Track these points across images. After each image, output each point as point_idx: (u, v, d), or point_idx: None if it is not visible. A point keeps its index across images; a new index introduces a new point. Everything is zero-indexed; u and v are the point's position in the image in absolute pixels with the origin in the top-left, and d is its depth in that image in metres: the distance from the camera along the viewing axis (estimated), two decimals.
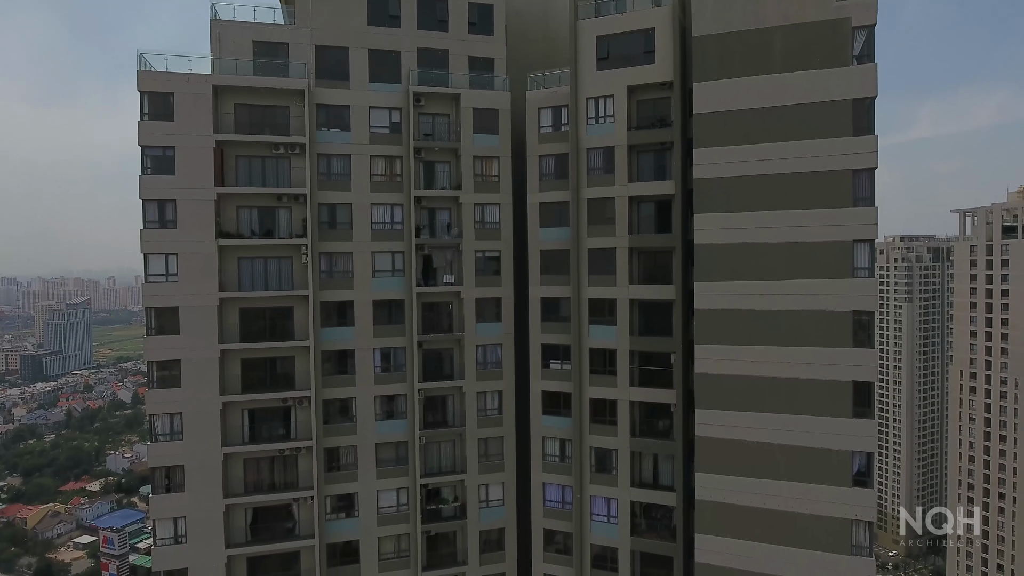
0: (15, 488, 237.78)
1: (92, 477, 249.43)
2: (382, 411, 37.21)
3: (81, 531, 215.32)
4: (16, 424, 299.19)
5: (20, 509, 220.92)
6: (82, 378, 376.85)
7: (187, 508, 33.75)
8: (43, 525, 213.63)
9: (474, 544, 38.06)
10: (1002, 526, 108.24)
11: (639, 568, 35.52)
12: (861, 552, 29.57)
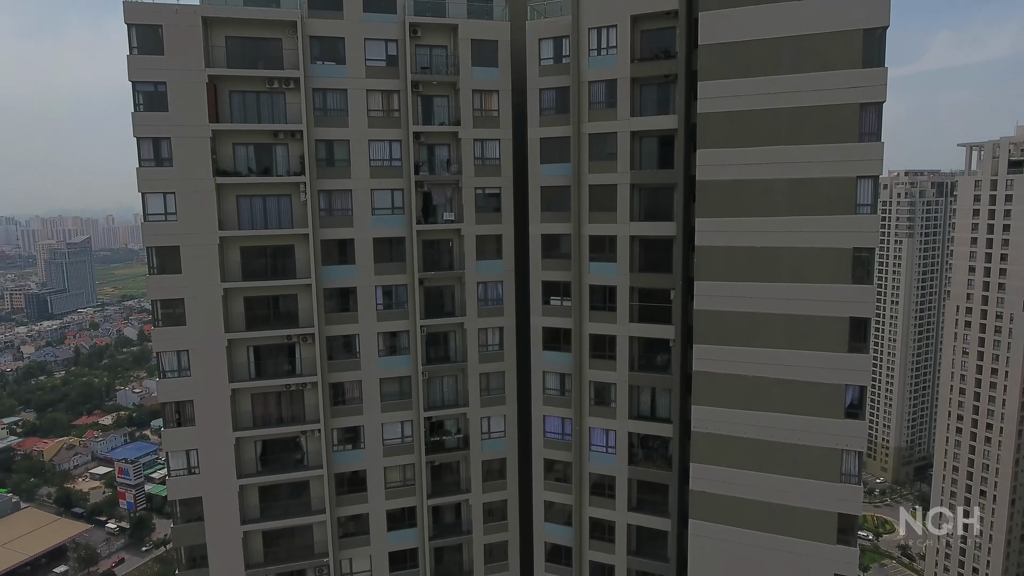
0: (30, 422, 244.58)
1: (104, 412, 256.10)
2: (385, 347, 37.84)
3: (97, 462, 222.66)
4: (26, 361, 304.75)
5: (36, 442, 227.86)
6: (87, 316, 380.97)
7: (198, 441, 34.87)
8: (59, 457, 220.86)
9: (476, 473, 39.48)
10: (987, 455, 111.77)
11: (636, 495, 36.99)
12: (850, 480, 30.68)
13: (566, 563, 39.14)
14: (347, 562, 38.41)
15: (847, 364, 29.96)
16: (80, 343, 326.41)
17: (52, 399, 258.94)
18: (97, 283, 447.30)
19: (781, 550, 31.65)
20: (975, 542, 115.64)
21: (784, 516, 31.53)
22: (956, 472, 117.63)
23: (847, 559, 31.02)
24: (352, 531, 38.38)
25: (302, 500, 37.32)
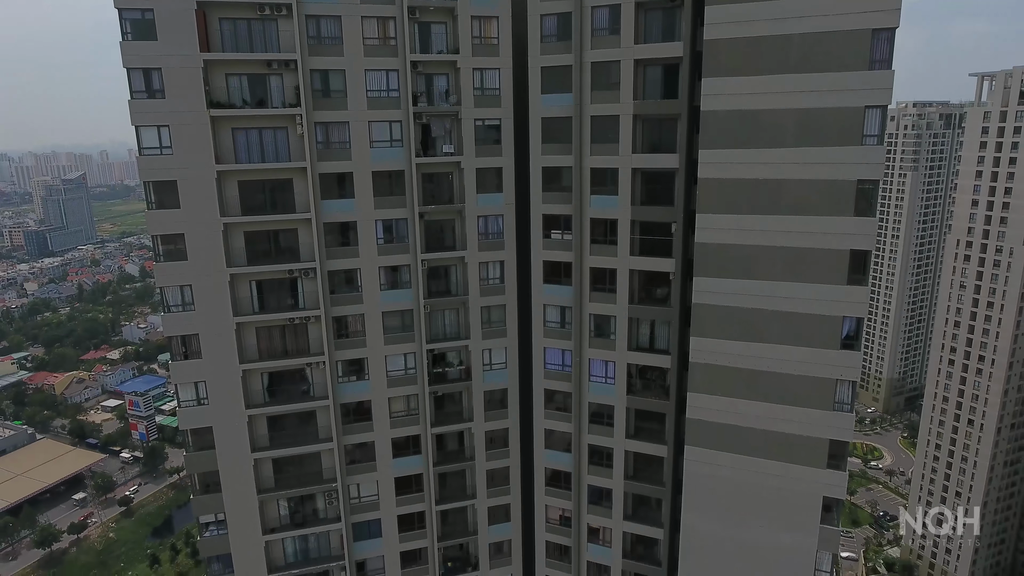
0: (39, 358, 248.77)
1: (111, 346, 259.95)
2: (386, 281, 38.05)
3: (107, 395, 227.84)
4: (30, 298, 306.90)
5: (47, 377, 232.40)
6: (88, 253, 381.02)
7: (206, 373, 35.60)
8: (70, 391, 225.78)
9: (478, 403, 40.50)
10: (978, 386, 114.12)
11: (633, 423, 38.08)
12: (843, 408, 31.54)
13: (565, 487, 40.70)
14: (355, 487, 39.94)
15: (845, 296, 30.24)
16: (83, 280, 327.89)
17: (59, 335, 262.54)
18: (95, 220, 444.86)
19: (773, 474, 32.89)
20: (960, 467, 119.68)
21: (777, 443, 32.60)
22: (946, 402, 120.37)
23: (836, 482, 32.29)
24: (359, 458, 39.72)
25: (309, 429, 38.44)
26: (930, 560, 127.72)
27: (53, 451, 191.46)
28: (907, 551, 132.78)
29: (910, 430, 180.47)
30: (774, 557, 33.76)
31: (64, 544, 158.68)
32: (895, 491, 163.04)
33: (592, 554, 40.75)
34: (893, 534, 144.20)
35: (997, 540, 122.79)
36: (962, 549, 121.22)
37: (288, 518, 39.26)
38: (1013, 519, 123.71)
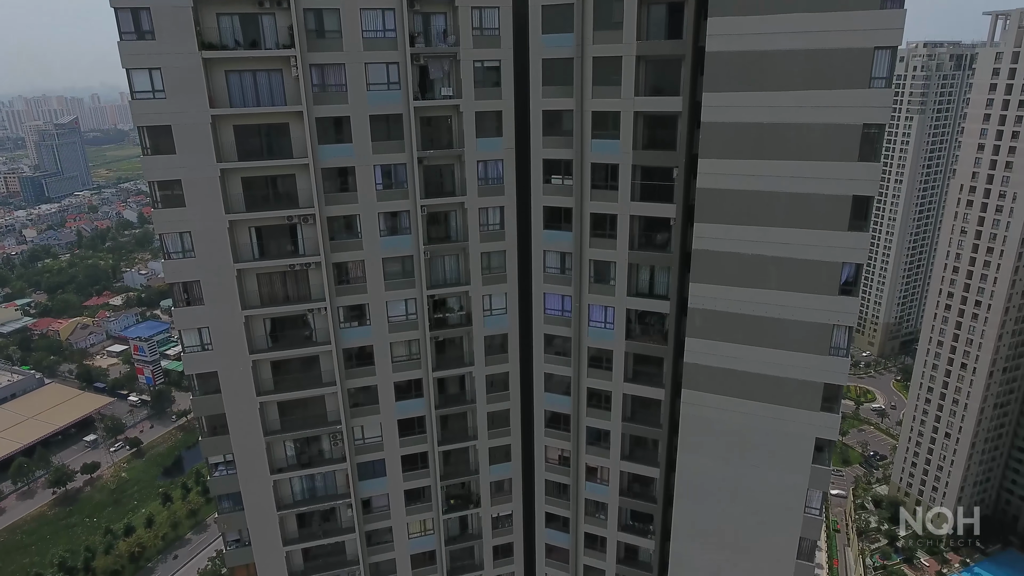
0: (42, 304, 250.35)
1: (113, 292, 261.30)
2: (386, 227, 37.94)
3: (112, 341, 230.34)
4: (30, 245, 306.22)
5: (51, 323, 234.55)
6: (85, 200, 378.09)
7: (209, 319, 35.95)
8: (75, 336, 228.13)
9: (479, 348, 41.05)
10: (972, 330, 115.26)
11: (632, 367, 38.72)
12: (838, 353, 32.01)
13: (564, 428, 41.73)
14: (359, 429, 40.95)
15: (846, 242, 30.24)
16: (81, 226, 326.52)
17: (60, 281, 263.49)
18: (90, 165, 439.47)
19: (767, 417, 33.67)
20: (951, 410, 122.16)
21: (772, 386, 33.24)
22: (940, 346, 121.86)
23: (829, 424, 33.09)
24: (362, 401, 40.56)
25: (313, 373, 39.09)
26: (916, 497, 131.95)
27: (62, 395, 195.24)
28: (895, 489, 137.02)
29: (904, 373, 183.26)
30: (766, 495, 34.92)
31: (78, 484, 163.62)
32: (886, 432, 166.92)
33: (590, 492, 42.12)
34: (882, 473, 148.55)
35: (982, 479, 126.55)
36: (948, 487, 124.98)
37: (295, 458, 40.42)
38: (999, 459, 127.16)
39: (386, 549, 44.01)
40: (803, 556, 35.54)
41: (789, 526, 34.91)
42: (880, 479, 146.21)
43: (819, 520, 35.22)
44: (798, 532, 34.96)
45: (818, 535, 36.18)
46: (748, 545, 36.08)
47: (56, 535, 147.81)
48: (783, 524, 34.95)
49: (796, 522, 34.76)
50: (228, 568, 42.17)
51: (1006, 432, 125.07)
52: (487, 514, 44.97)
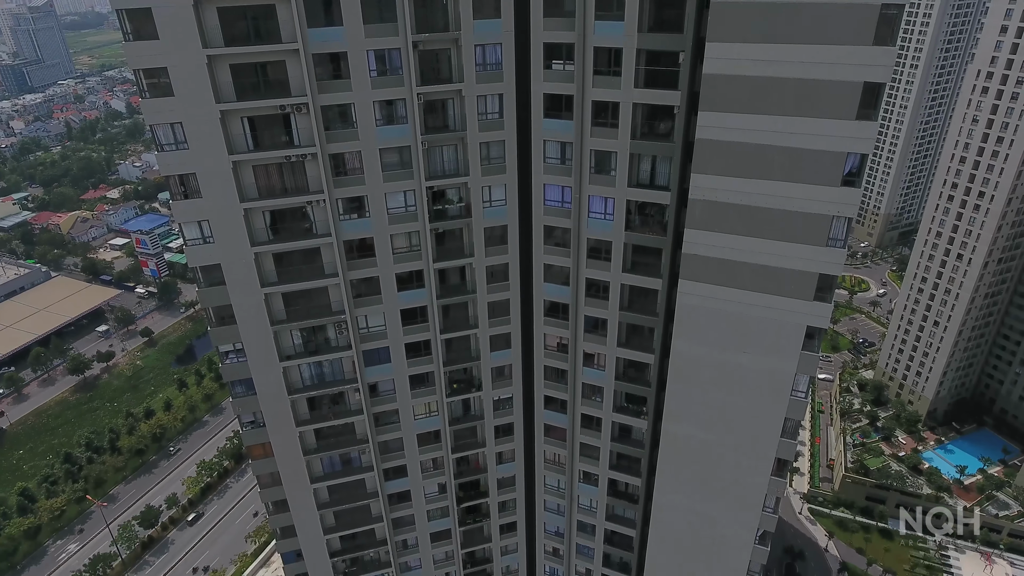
0: (39, 198, 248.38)
1: (109, 185, 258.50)
2: (382, 116, 36.94)
3: (113, 234, 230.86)
4: (19, 137, 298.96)
5: (50, 216, 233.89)
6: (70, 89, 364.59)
7: (208, 212, 35.89)
8: (76, 230, 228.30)
9: (479, 239, 41.28)
10: (972, 221, 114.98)
11: (630, 258, 39.14)
12: (836, 244, 32.18)
13: (563, 317, 42.86)
14: (363, 318, 42.07)
15: (853, 132, 29.56)
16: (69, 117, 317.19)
17: (55, 174, 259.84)
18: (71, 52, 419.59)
19: (761, 306, 34.44)
20: (942, 299, 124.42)
21: (768, 276, 33.74)
22: (939, 237, 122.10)
23: (821, 313, 33.89)
24: (364, 292, 41.36)
25: (315, 265, 39.60)
26: (900, 382, 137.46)
27: (69, 287, 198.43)
28: (880, 373, 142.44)
29: (900, 264, 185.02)
30: (755, 379, 36.42)
31: (96, 371, 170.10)
32: (877, 320, 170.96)
33: (587, 377, 43.96)
34: (869, 359, 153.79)
35: (965, 364, 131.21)
36: (931, 372, 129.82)
37: (302, 346, 41.83)
38: (984, 346, 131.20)
39: (393, 429, 46.61)
40: (787, 435, 37.62)
41: (775, 408, 36.68)
42: (867, 364, 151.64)
43: (804, 402, 36.94)
44: (784, 413, 36.79)
45: (802, 416, 38.06)
46: (735, 425, 38.12)
47: (80, 418, 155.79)
48: (770, 406, 36.72)
49: (782, 404, 36.48)
50: (246, 447, 44.89)
51: (993, 321, 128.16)
52: (488, 397, 47.20)
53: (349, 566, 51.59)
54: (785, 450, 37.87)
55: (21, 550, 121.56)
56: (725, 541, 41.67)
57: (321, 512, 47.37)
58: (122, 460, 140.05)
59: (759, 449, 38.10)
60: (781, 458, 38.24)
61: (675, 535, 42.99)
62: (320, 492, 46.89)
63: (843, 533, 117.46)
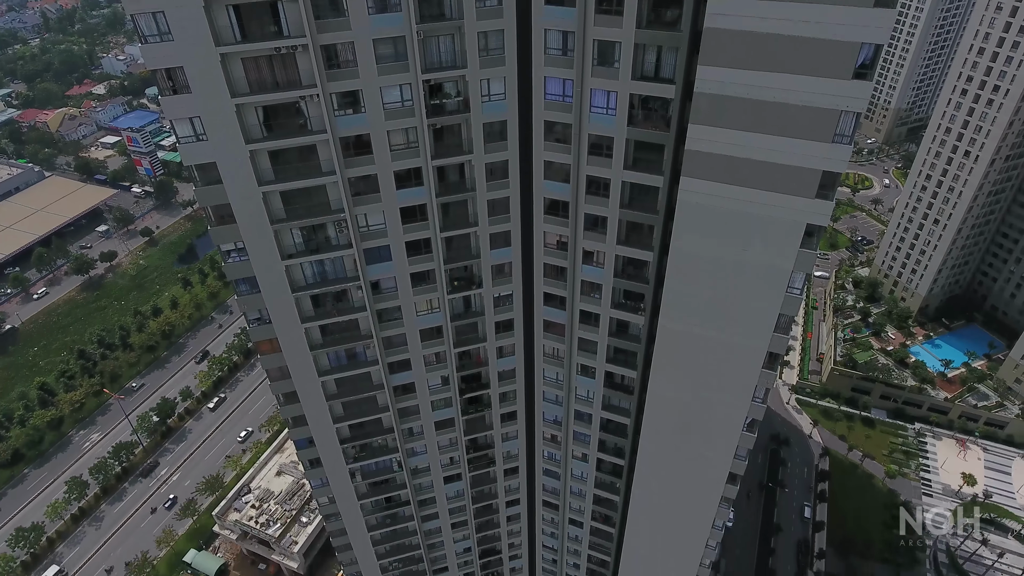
0: (23, 95, 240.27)
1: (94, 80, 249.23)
2: (374, 4, 34.98)
3: (103, 132, 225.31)
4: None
5: (37, 114, 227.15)
6: None
7: (198, 108, 34.86)
8: (65, 128, 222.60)
9: (478, 135, 40.41)
10: (984, 116, 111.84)
11: (632, 154, 38.52)
12: (842, 140, 31.50)
13: (563, 215, 42.80)
14: (362, 217, 42.00)
15: (869, 20, 28.16)
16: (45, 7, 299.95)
17: (37, 69, 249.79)
18: None
19: (762, 203, 34.29)
20: (945, 197, 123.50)
21: (770, 173, 33.36)
22: (948, 133, 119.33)
23: (822, 211, 33.77)
24: (363, 190, 41.02)
25: (312, 163, 39.00)
26: (895, 279, 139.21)
27: (65, 188, 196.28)
28: (876, 271, 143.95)
29: (905, 161, 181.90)
30: (752, 276, 36.92)
31: (100, 271, 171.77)
32: (878, 218, 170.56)
33: (586, 274, 44.54)
34: (867, 256, 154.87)
35: (961, 262, 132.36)
36: (927, 270, 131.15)
37: (303, 245, 42.06)
38: (982, 244, 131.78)
39: (396, 325, 47.83)
40: (780, 330, 38.61)
41: (770, 304, 37.44)
42: (864, 262, 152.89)
43: (799, 299, 37.61)
44: (778, 310, 37.61)
45: (796, 312, 38.89)
46: (730, 320, 39.10)
47: (89, 317, 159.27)
48: (765, 302, 37.46)
49: (777, 301, 37.20)
50: (254, 342, 46.24)
51: (994, 219, 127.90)
52: (489, 294, 48.06)
53: (359, 452, 54.67)
54: (777, 344, 39.01)
55: (47, 439, 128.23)
56: (715, 429, 43.93)
57: (330, 403, 49.58)
58: (134, 356, 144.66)
59: (752, 344, 39.27)
60: (773, 352, 39.49)
61: (668, 423, 45.24)
62: (328, 384, 48.84)
63: (827, 422, 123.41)
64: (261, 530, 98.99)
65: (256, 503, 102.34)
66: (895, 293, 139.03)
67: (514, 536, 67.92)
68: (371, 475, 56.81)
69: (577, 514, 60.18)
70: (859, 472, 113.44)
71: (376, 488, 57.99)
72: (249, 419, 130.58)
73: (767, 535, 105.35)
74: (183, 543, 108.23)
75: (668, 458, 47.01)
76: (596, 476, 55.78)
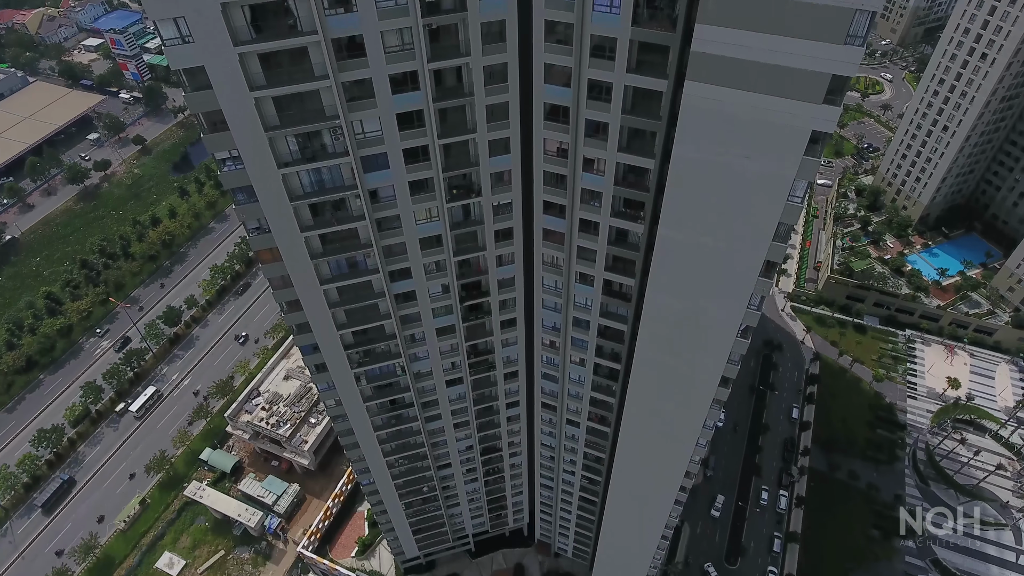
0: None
1: None
2: None
3: (85, 34, 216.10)
4: None
5: (14, 15, 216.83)
6: None
7: (182, 7, 33.15)
8: (44, 29, 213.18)
9: (476, 36, 38.79)
10: (1006, 16, 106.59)
11: (635, 57, 37.18)
12: (854, 42, 30.24)
13: (563, 121, 41.89)
14: (358, 123, 41.10)
15: None
16: None
17: None
18: None
19: (768, 108, 33.44)
20: (956, 102, 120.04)
21: (778, 77, 32.32)
22: (966, 34, 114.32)
23: (828, 117, 32.92)
24: (358, 95, 39.89)
25: (304, 67, 37.70)
26: (898, 187, 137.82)
27: (51, 94, 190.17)
28: (880, 179, 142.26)
29: (920, 64, 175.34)
30: (754, 184, 36.55)
31: (95, 180, 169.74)
32: (886, 125, 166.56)
33: (586, 182, 44.15)
34: (872, 164, 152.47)
35: (966, 171, 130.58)
36: (931, 178, 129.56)
37: (299, 153, 41.43)
38: (989, 152, 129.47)
39: (395, 234, 47.97)
40: (778, 238, 38.66)
41: (771, 213, 37.30)
42: (868, 170, 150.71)
43: (800, 207, 37.42)
44: (778, 218, 37.53)
45: (796, 220, 38.76)
46: (729, 229, 39.13)
47: (88, 227, 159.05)
48: (765, 211, 37.30)
49: (778, 209, 37.05)
50: (254, 251, 46.53)
51: (1004, 126, 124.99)
52: (488, 203, 47.87)
53: (363, 357, 56.37)
54: (775, 253, 39.19)
55: (59, 347, 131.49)
56: (709, 334, 45.05)
57: (333, 311, 50.58)
58: (137, 266, 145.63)
59: (750, 252, 39.48)
60: (771, 260, 39.80)
61: (664, 329, 46.35)
62: (330, 293, 49.62)
63: (820, 328, 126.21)
64: (272, 430, 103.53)
65: (266, 406, 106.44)
66: (897, 202, 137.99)
67: (513, 435, 71.26)
68: (375, 379, 58.85)
69: (574, 415, 62.85)
70: (848, 376, 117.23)
71: (381, 391, 60.23)
72: (254, 327, 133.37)
73: (755, 434, 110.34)
74: (198, 443, 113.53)
75: (664, 362, 48.51)
76: (593, 380, 57.78)
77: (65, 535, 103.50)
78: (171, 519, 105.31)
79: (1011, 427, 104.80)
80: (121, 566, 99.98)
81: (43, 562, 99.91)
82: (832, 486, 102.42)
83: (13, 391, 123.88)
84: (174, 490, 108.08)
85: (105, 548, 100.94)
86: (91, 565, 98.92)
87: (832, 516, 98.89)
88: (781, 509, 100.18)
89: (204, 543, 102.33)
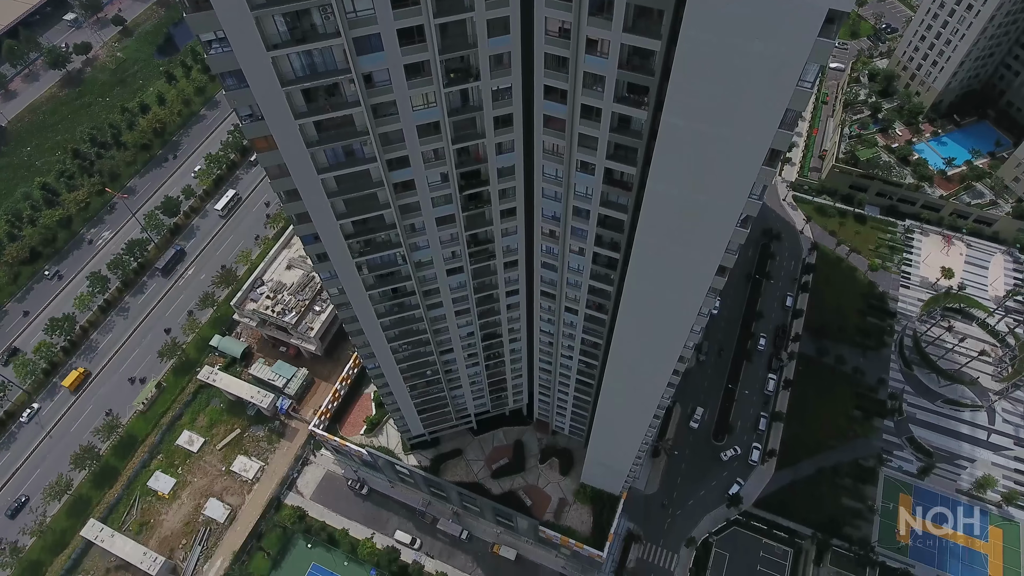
0: None
1: None
2: None
3: None
4: None
5: None
6: None
7: None
8: None
9: None
10: None
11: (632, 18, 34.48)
12: None
13: (563, 37, 39.70)
14: (349, 1, 38.87)
15: None
16: None
17: None
18: None
19: None
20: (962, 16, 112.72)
21: None
22: None
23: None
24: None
25: None
26: (913, 71, 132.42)
27: None
28: (895, 62, 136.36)
29: None
30: (764, 67, 34.91)
31: (77, 65, 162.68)
32: (908, 3, 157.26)
33: (589, 65, 42.37)
34: (888, 46, 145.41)
35: (986, 54, 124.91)
36: (948, 62, 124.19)
37: (288, 34, 39.51)
38: (1012, 35, 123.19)
39: (392, 121, 46.78)
40: (785, 126, 37.60)
41: (779, 99, 36.03)
42: (884, 53, 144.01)
43: (809, 92, 36.02)
44: (786, 104, 36.34)
45: (805, 107, 37.45)
46: (735, 116, 37.99)
47: (76, 114, 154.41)
48: (774, 97, 35.96)
49: (786, 94, 35.76)
50: (248, 139, 45.58)
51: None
52: (487, 87, 46.32)
53: (363, 247, 56.83)
54: (780, 141, 38.28)
55: (60, 238, 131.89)
56: (709, 224, 45.10)
57: (332, 200, 50.36)
58: (130, 155, 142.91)
59: (755, 140, 38.63)
60: (775, 149, 39.02)
61: (664, 219, 46.33)
62: (328, 182, 49.17)
63: (821, 218, 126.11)
64: (278, 318, 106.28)
65: (270, 294, 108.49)
66: (911, 87, 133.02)
67: (513, 322, 73.32)
68: (377, 268, 59.70)
69: (573, 303, 64.31)
70: (843, 265, 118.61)
71: (383, 280, 61.28)
72: (254, 215, 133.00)
73: (748, 321, 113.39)
74: (207, 330, 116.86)
75: (662, 251, 48.93)
76: (592, 269, 58.59)
77: (88, 416, 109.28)
78: (187, 401, 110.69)
79: (998, 315, 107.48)
80: (143, 444, 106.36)
81: (69, 441, 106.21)
82: (820, 370, 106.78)
83: (20, 281, 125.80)
84: (187, 375, 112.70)
85: (127, 428, 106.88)
86: (115, 443, 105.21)
87: (818, 397, 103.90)
88: (769, 391, 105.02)
89: (220, 422, 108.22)
